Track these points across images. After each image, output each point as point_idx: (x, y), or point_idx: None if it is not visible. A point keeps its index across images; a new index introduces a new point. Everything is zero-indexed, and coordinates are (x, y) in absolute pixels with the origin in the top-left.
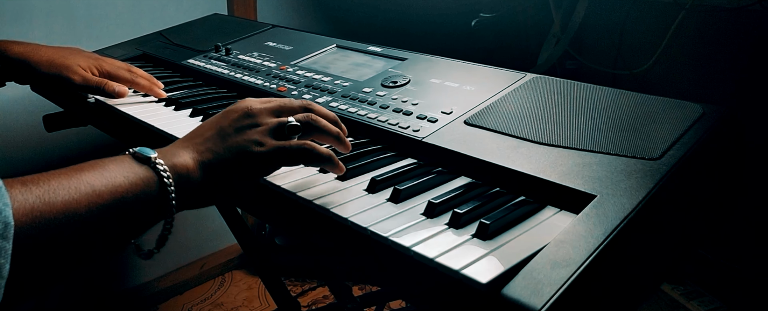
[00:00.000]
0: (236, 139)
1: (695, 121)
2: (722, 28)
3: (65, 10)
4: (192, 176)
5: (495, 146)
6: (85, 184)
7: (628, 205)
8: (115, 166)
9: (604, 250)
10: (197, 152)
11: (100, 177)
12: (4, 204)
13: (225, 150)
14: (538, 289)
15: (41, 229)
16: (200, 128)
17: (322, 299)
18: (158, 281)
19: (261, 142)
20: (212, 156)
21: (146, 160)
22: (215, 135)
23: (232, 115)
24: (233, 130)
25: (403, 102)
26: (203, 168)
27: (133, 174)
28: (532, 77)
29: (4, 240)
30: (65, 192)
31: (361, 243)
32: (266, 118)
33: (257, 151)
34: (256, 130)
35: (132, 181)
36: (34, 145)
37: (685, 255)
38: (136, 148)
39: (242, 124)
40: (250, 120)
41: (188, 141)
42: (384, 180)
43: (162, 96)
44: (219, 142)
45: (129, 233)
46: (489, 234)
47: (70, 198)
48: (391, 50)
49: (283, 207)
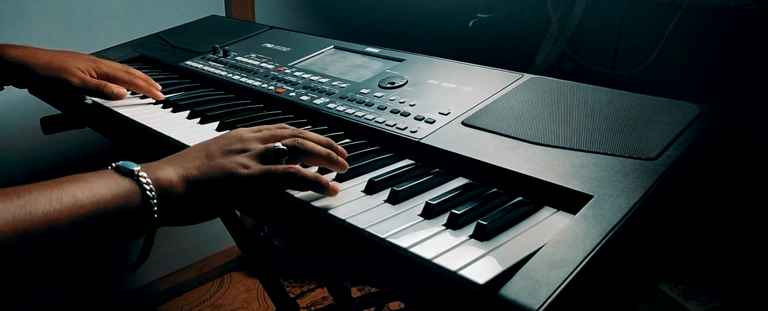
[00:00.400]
0: (223, 160)
1: (692, 120)
2: (719, 27)
3: (62, 12)
4: (175, 191)
5: (492, 147)
6: (68, 195)
7: (626, 205)
8: (98, 179)
9: (602, 250)
10: (183, 169)
11: (83, 188)
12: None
13: (211, 169)
14: (536, 290)
15: (22, 239)
16: (189, 150)
17: (320, 300)
18: (157, 283)
19: (247, 166)
20: (198, 174)
21: (129, 173)
22: (203, 156)
23: (222, 141)
24: (221, 152)
25: (401, 103)
26: (188, 184)
27: (116, 187)
28: (530, 78)
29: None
30: (46, 202)
31: (359, 244)
32: (255, 144)
33: (243, 174)
34: (244, 155)
35: (114, 193)
36: (32, 148)
37: (683, 255)
38: (119, 162)
39: (231, 149)
40: (239, 145)
41: (175, 159)
42: (382, 182)
43: (160, 97)
44: (206, 162)
45: (110, 244)
46: (486, 234)
47: (51, 209)
48: (388, 51)
49: (282, 209)
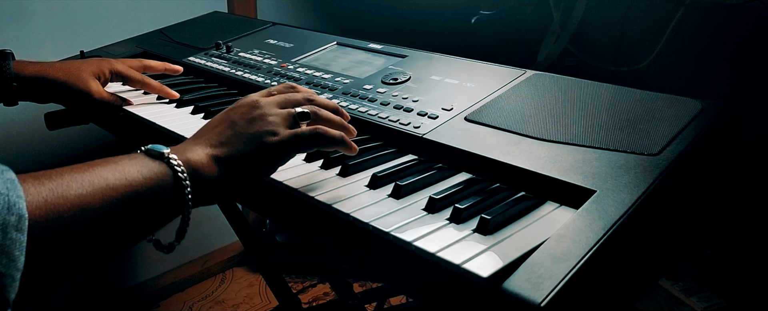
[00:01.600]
0: (250, 131)
1: (694, 116)
2: (721, 24)
3: (66, 8)
4: (207, 170)
5: (495, 142)
6: (99, 178)
7: (628, 200)
8: (129, 161)
9: (604, 245)
10: (211, 147)
11: (114, 171)
12: (18, 197)
13: (241, 142)
14: (539, 283)
15: (55, 223)
16: (209, 125)
17: (322, 296)
18: (160, 278)
19: (275, 132)
20: (228, 150)
21: (160, 156)
22: (228, 129)
23: (241, 110)
24: (245, 121)
25: (404, 99)
26: (220, 162)
27: (147, 170)
28: (532, 74)
29: (19, 232)
30: (79, 185)
31: (363, 238)
32: (274, 108)
33: (273, 141)
34: (268, 121)
35: (146, 176)
36: (36, 143)
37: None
38: (148, 146)
39: (253, 116)
40: (259, 111)
41: (199, 138)
42: (385, 176)
43: (174, 97)
44: (233, 136)
45: (144, 228)
46: (490, 229)
47: (83, 192)
48: (391, 47)
49: (286, 203)
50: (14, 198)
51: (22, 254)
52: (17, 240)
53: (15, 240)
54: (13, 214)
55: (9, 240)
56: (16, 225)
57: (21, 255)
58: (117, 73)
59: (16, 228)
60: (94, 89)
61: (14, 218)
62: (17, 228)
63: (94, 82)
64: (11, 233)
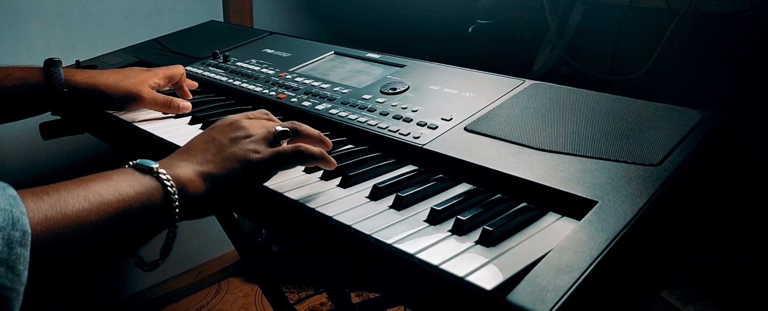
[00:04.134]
0: (233, 149)
1: (694, 127)
2: (716, 33)
3: (61, 17)
4: (194, 186)
5: (496, 152)
6: (95, 194)
7: (630, 211)
8: (120, 177)
9: (607, 256)
10: (198, 164)
11: (108, 187)
12: (21, 213)
13: (226, 160)
14: (543, 296)
15: (55, 238)
16: (191, 143)
17: (318, 306)
18: (154, 289)
19: (257, 150)
20: (214, 168)
21: (149, 170)
22: (213, 148)
23: (223, 129)
24: (228, 140)
25: (403, 109)
26: (206, 178)
27: (139, 184)
28: (531, 83)
29: (23, 247)
30: (76, 201)
31: (364, 250)
32: (255, 128)
33: (257, 158)
34: (250, 140)
35: (138, 191)
36: (31, 153)
37: (686, 261)
38: (136, 160)
39: (236, 135)
40: (242, 132)
41: (184, 154)
42: (386, 188)
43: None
44: (218, 154)
45: (134, 242)
46: (492, 240)
47: (80, 208)
48: (389, 57)
49: (285, 214)
50: (18, 215)
51: (25, 269)
52: (21, 255)
53: (19, 256)
54: (18, 230)
55: (14, 255)
56: (20, 240)
57: (25, 269)
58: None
59: (21, 244)
60: (145, 91)
61: (18, 234)
62: (21, 243)
63: (145, 85)
64: (16, 248)
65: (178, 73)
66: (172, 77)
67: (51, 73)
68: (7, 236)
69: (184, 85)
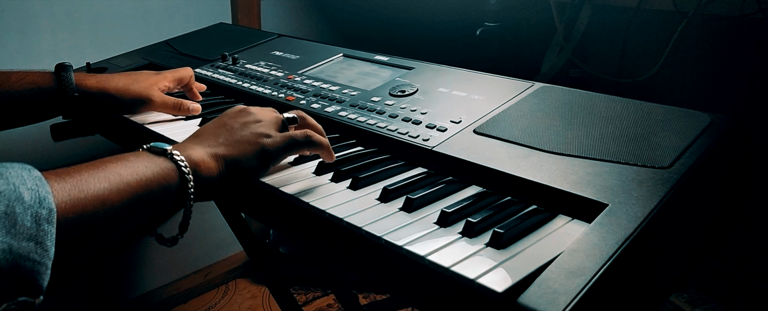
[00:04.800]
0: (245, 132)
1: (704, 129)
2: (725, 36)
3: (71, 20)
4: (207, 167)
5: (505, 155)
6: (115, 175)
7: (641, 214)
8: (137, 159)
9: (618, 259)
10: (210, 146)
11: (127, 168)
12: (46, 192)
13: (238, 143)
14: (554, 299)
15: (78, 216)
16: (204, 129)
17: (326, 308)
18: (163, 289)
19: (269, 134)
20: (226, 150)
21: (163, 152)
22: (224, 131)
23: (232, 114)
24: (240, 124)
25: (412, 111)
26: (219, 160)
27: (155, 165)
28: (540, 86)
29: (50, 224)
30: (97, 182)
31: (375, 252)
32: (264, 115)
33: (269, 142)
34: (261, 125)
35: (155, 172)
36: (41, 155)
37: (696, 264)
38: (150, 144)
39: (247, 120)
40: (252, 117)
41: (197, 138)
42: (396, 190)
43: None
44: (230, 137)
45: (153, 221)
46: (503, 243)
47: (102, 188)
48: (397, 59)
49: (294, 216)
50: (43, 194)
51: (52, 244)
52: (48, 231)
53: (46, 232)
54: (44, 208)
55: (42, 231)
56: (47, 217)
57: (52, 245)
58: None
59: (48, 221)
60: (156, 94)
61: (45, 211)
62: (48, 220)
63: (154, 88)
64: (43, 225)
65: (187, 75)
66: (181, 80)
67: (62, 78)
68: (36, 214)
69: (194, 87)
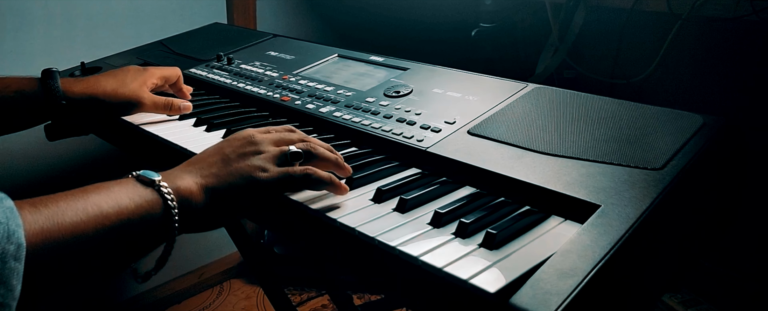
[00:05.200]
0: (240, 165)
1: (696, 131)
2: (719, 38)
3: (65, 20)
4: (195, 200)
5: (499, 156)
6: (93, 206)
7: (633, 215)
8: (121, 188)
9: (610, 260)
10: (201, 177)
11: (107, 199)
12: (16, 226)
13: (230, 175)
14: (546, 299)
15: (51, 249)
16: (203, 154)
17: (320, 308)
18: (157, 290)
19: (266, 169)
20: (217, 182)
21: (151, 183)
22: (219, 161)
23: (235, 143)
24: (237, 155)
25: (407, 112)
26: (208, 192)
27: (139, 197)
28: (534, 87)
29: (17, 261)
30: (73, 213)
31: (368, 252)
32: (268, 146)
33: (263, 177)
34: (260, 157)
35: (138, 204)
36: (35, 154)
37: (688, 265)
38: (139, 171)
39: (246, 151)
40: (253, 147)
41: (191, 166)
42: (390, 190)
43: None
44: (223, 168)
45: (132, 254)
46: (496, 243)
47: (78, 220)
48: (393, 60)
49: (289, 216)
50: (13, 227)
51: (19, 283)
52: (15, 269)
53: (13, 269)
54: (12, 243)
55: (8, 269)
56: (14, 254)
57: (18, 284)
58: (164, 77)
59: (15, 258)
60: (145, 96)
61: (13, 247)
62: (15, 257)
63: (144, 89)
64: (10, 262)
65: (175, 74)
66: (169, 78)
67: (49, 86)
68: (2, 250)
69: (183, 86)
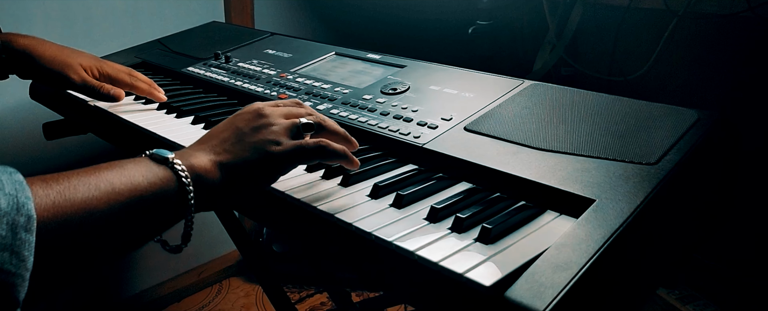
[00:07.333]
0: (253, 139)
1: (690, 126)
2: (715, 34)
3: (63, 19)
4: (210, 176)
5: (495, 152)
6: (105, 182)
7: (627, 209)
8: (134, 166)
9: (604, 254)
10: (215, 153)
11: (120, 176)
12: (26, 198)
13: (244, 150)
14: (541, 292)
15: (62, 225)
16: (214, 131)
17: (319, 306)
18: (156, 288)
19: (278, 141)
20: (231, 157)
21: (164, 161)
22: (232, 136)
23: (246, 116)
24: (250, 129)
25: (403, 109)
26: (222, 168)
27: (152, 174)
28: (530, 84)
29: (28, 233)
30: (85, 189)
31: (365, 248)
32: (279, 118)
33: (277, 150)
34: (272, 130)
35: (151, 181)
36: (33, 153)
37: (682, 259)
38: (153, 150)
39: (258, 124)
40: (264, 120)
41: (204, 143)
42: (387, 186)
43: (162, 99)
44: (237, 143)
45: (147, 232)
46: (491, 238)
47: (90, 196)
48: (389, 57)
49: (287, 213)
50: (23, 200)
51: (31, 254)
52: (26, 240)
53: (24, 241)
54: (22, 215)
55: (18, 240)
56: (25, 225)
57: (30, 255)
58: (105, 74)
59: (25, 229)
60: (78, 73)
61: (23, 219)
62: (26, 228)
63: (81, 69)
64: (21, 233)
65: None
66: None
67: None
68: (12, 221)
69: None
